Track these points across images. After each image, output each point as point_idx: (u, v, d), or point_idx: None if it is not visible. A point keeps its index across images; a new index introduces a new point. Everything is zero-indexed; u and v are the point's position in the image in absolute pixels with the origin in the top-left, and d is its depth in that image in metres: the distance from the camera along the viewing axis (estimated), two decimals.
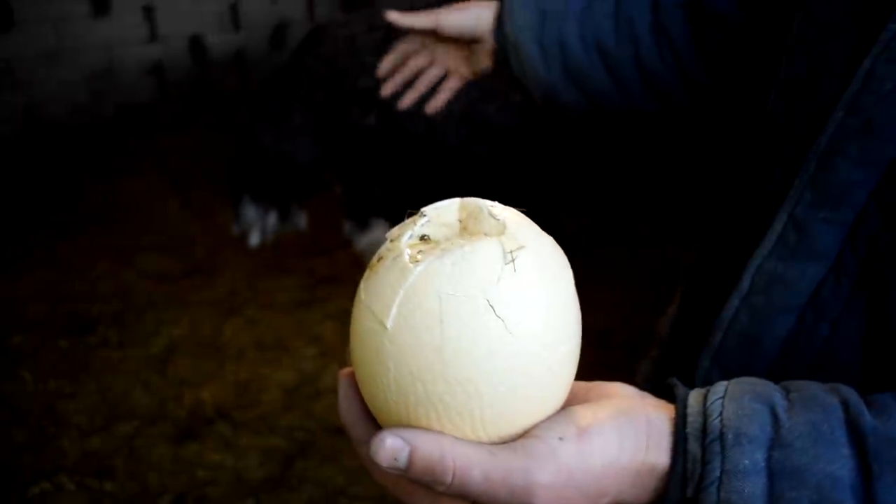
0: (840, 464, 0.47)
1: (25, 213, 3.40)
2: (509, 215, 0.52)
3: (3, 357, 2.57)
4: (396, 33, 1.20)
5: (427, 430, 0.48)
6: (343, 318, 2.81)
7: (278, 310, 2.85)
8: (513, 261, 0.48)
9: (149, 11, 4.11)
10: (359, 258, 2.70)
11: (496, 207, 0.53)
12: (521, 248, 0.48)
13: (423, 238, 0.52)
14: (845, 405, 0.50)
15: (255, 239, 2.56)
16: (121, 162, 3.83)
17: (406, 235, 0.51)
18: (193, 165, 3.81)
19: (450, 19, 1.04)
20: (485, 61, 1.06)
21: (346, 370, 0.54)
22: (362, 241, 2.54)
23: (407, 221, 0.54)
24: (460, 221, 0.54)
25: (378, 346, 0.48)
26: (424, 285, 0.47)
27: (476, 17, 1.03)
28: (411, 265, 0.48)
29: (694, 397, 0.52)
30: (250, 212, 2.54)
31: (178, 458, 2.22)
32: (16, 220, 3.35)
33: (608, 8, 0.97)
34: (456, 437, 0.48)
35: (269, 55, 4.47)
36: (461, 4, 1.05)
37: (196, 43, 4.29)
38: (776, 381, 0.60)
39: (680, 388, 0.54)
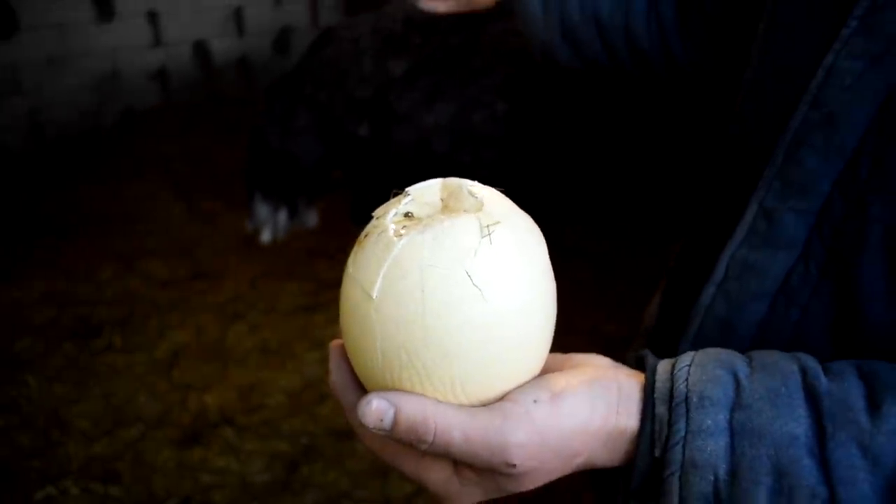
0: (796, 423, 0.51)
1: (30, 218, 3.41)
2: (487, 194, 0.56)
3: (9, 362, 2.58)
4: (403, 31, 1.24)
5: (410, 393, 0.51)
6: None
7: (282, 314, 2.85)
8: (489, 234, 0.51)
9: (153, 17, 4.12)
10: None
11: (475, 186, 0.56)
12: (496, 223, 0.52)
13: (407, 215, 0.55)
14: (803, 371, 0.53)
15: (266, 236, 2.58)
16: (125, 167, 3.84)
17: (391, 213, 0.55)
18: (198, 170, 3.82)
19: None
20: None
21: (336, 341, 0.58)
22: None
23: (392, 200, 0.57)
24: (442, 200, 0.57)
25: (365, 315, 0.51)
26: (407, 257, 0.50)
27: None
28: (395, 239, 0.51)
29: (663, 366, 0.57)
30: (262, 209, 2.55)
31: (182, 463, 2.22)
32: (21, 224, 3.36)
33: None
34: (438, 400, 0.51)
35: (273, 61, 4.49)
36: None
37: (200, 48, 4.30)
38: None
39: (650, 358, 0.58)
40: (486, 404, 0.53)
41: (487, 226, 0.51)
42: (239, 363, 2.61)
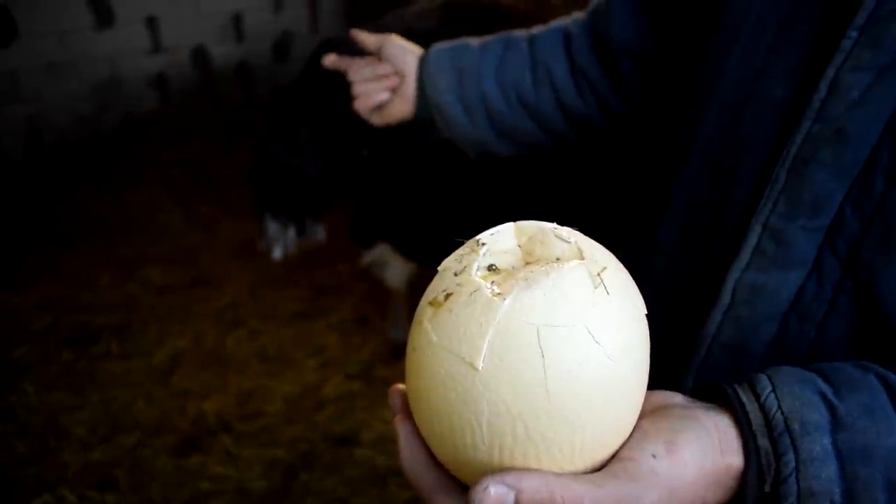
0: None
1: (29, 225, 3.40)
2: (577, 236, 0.51)
3: (6, 369, 2.57)
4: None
5: (525, 469, 0.46)
6: (345, 328, 2.81)
7: (281, 321, 2.85)
8: (602, 283, 0.47)
9: (152, 23, 4.13)
10: (363, 273, 2.70)
11: (559, 229, 0.51)
12: (604, 268, 0.48)
13: (490, 268, 0.50)
14: (884, 381, 0.52)
15: (277, 253, 2.59)
16: (124, 173, 3.84)
17: (474, 267, 0.49)
18: (197, 176, 3.82)
19: (391, 48, 1.11)
20: (401, 108, 1.11)
21: (400, 417, 0.52)
22: (367, 256, 2.55)
23: (461, 251, 0.52)
24: (520, 246, 0.52)
25: (465, 389, 0.45)
26: (517, 319, 0.45)
27: (406, 62, 1.09)
28: (496, 299, 0.45)
29: (744, 395, 0.54)
30: (273, 227, 2.56)
31: (180, 470, 2.22)
32: (19, 231, 3.35)
33: (522, 60, 1.03)
34: (556, 473, 0.47)
35: (273, 66, 4.49)
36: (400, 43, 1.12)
37: (199, 54, 4.31)
38: None
39: (727, 388, 0.55)
40: (598, 466, 0.49)
41: (598, 274, 0.47)
42: (238, 370, 2.61)
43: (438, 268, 0.51)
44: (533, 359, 0.44)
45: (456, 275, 0.49)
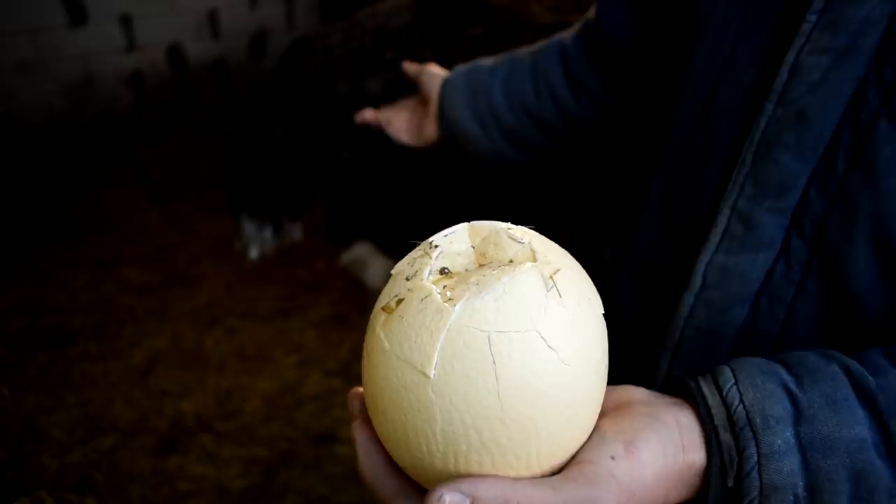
0: (860, 426, 0.50)
1: (2, 226, 3.37)
2: (531, 236, 0.50)
3: None
4: (374, 45, 1.31)
5: (481, 476, 0.45)
6: (324, 325, 2.81)
7: (259, 319, 2.84)
8: (555, 286, 0.45)
9: (126, 20, 4.09)
10: (340, 270, 2.70)
11: (513, 229, 0.50)
12: (557, 270, 0.46)
13: (442, 272, 0.49)
14: (847, 371, 0.53)
15: (254, 253, 2.59)
16: (100, 173, 3.81)
17: (426, 272, 0.48)
18: (173, 175, 3.79)
19: (424, 76, 1.20)
20: (431, 129, 1.17)
21: (358, 423, 0.52)
22: (346, 255, 2.55)
23: (415, 254, 0.50)
24: (474, 248, 0.51)
25: (418, 397, 0.44)
26: (469, 325, 0.44)
27: (433, 86, 1.17)
28: (447, 305, 0.44)
29: (707, 389, 0.54)
30: (249, 228, 2.56)
31: (159, 471, 2.21)
32: None
33: (525, 73, 1.07)
34: (513, 478, 0.46)
35: (249, 64, 4.46)
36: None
37: (175, 52, 4.28)
38: None
39: (690, 382, 0.55)
40: (557, 470, 0.48)
41: (551, 276, 0.46)
42: (216, 369, 2.60)
43: (392, 271, 0.50)
44: (484, 366, 0.43)
45: (408, 279, 0.48)
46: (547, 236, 0.52)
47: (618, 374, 0.79)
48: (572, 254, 0.52)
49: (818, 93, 0.59)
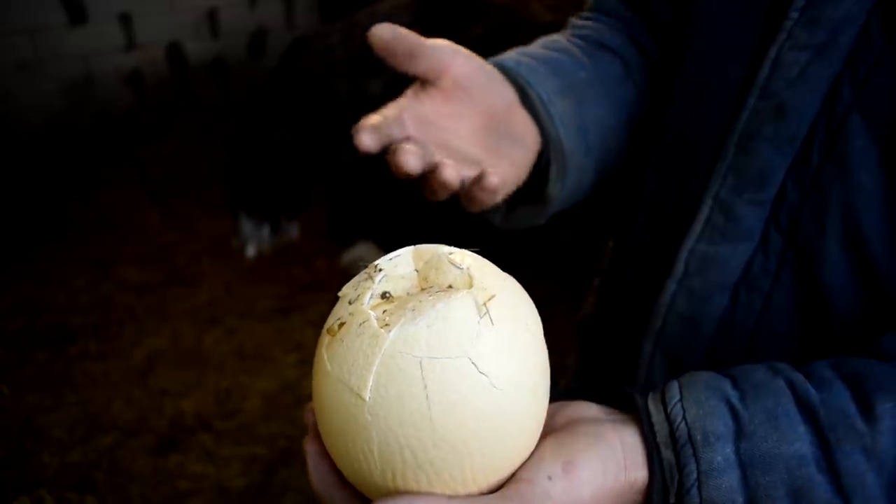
0: (801, 442, 0.50)
1: (2, 225, 3.37)
2: (470, 261, 0.51)
3: None
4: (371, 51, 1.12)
5: (418, 494, 0.47)
6: (323, 324, 2.81)
7: (258, 318, 2.85)
8: (487, 313, 0.47)
9: (126, 19, 4.09)
10: (339, 266, 2.71)
11: (454, 254, 0.51)
12: (492, 297, 0.48)
13: (383, 296, 0.50)
14: (791, 385, 0.53)
15: (251, 251, 2.60)
16: (99, 171, 3.81)
17: (367, 296, 0.49)
18: (173, 174, 3.79)
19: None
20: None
21: (310, 438, 0.53)
22: (346, 256, 2.55)
23: (360, 277, 0.52)
24: (417, 271, 0.52)
25: (356, 418, 0.46)
26: (402, 351, 0.45)
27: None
28: (382, 331, 0.46)
29: (653, 405, 0.54)
30: (247, 226, 2.56)
31: (159, 470, 2.21)
32: None
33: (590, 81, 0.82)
34: (448, 497, 0.47)
35: (248, 63, 4.46)
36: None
37: (174, 51, 4.28)
38: (717, 357, 0.66)
39: (638, 399, 0.55)
40: (496, 488, 0.49)
41: (484, 303, 0.47)
42: (215, 368, 2.60)
43: (339, 293, 0.52)
44: (417, 390, 0.44)
45: (350, 303, 0.50)
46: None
47: (610, 361, 0.81)
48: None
49: (796, 87, 0.61)
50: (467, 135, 0.68)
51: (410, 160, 0.60)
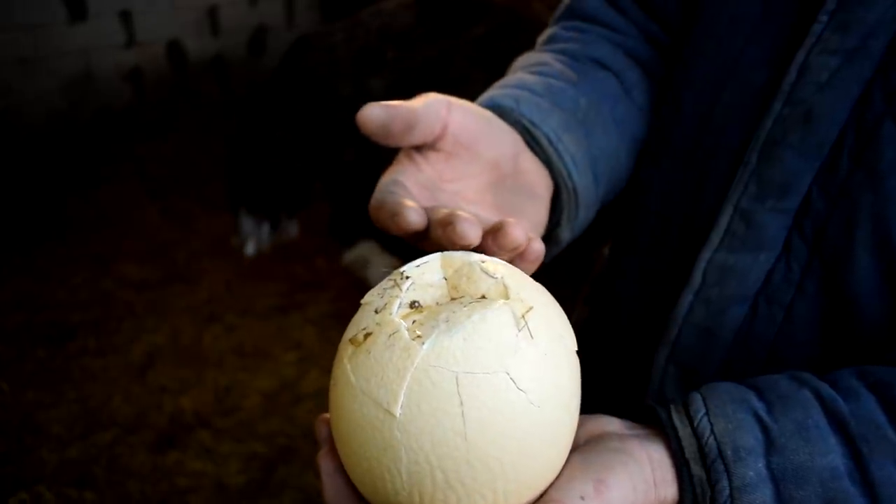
0: (833, 454, 0.49)
1: (2, 221, 3.37)
2: (504, 270, 0.48)
3: None
4: (377, 44, 1.08)
5: None
6: (323, 322, 2.82)
7: (258, 316, 2.85)
8: (526, 326, 0.44)
9: (126, 16, 4.09)
10: (339, 265, 2.71)
11: (487, 262, 0.49)
12: (530, 309, 0.45)
13: (412, 305, 0.48)
14: (818, 396, 0.52)
15: (250, 249, 2.60)
16: (99, 168, 3.81)
17: (395, 305, 0.47)
18: (172, 172, 3.79)
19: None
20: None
21: (325, 452, 0.51)
22: (348, 255, 2.55)
23: (385, 284, 0.49)
24: (446, 279, 0.50)
25: (384, 435, 0.43)
26: (436, 365, 0.43)
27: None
28: (415, 343, 0.43)
29: (678, 419, 0.53)
30: (247, 224, 2.57)
31: (158, 467, 2.22)
32: None
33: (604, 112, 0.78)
34: None
35: (249, 61, 4.47)
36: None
37: (174, 48, 4.28)
38: (734, 368, 0.64)
39: (661, 412, 0.54)
40: None
41: (523, 316, 0.45)
42: (215, 365, 2.61)
43: (361, 301, 0.49)
44: (451, 407, 0.42)
45: (377, 312, 0.47)
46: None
47: (616, 372, 0.79)
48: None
49: (826, 93, 0.59)
50: (475, 196, 0.62)
51: (412, 215, 0.53)
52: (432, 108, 0.59)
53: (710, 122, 0.69)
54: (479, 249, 0.53)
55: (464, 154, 0.62)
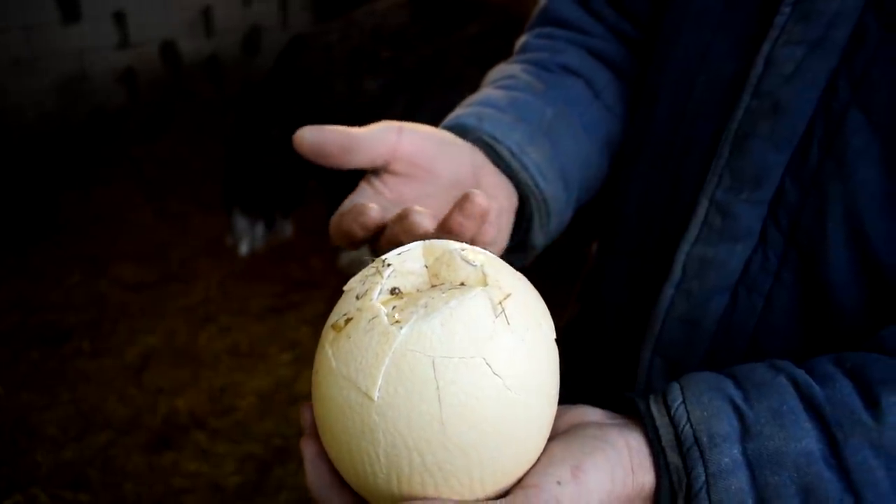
0: (808, 439, 0.50)
1: None
2: (483, 259, 0.49)
3: None
4: (372, 43, 1.09)
5: (425, 498, 0.45)
6: (318, 322, 2.81)
7: (253, 316, 2.85)
8: (503, 312, 0.45)
9: (120, 17, 4.08)
10: (334, 264, 2.71)
11: (467, 250, 0.49)
12: (508, 296, 0.46)
13: (392, 291, 0.48)
14: (794, 382, 0.52)
15: (244, 249, 2.59)
16: (93, 170, 3.80)
17: (376, 291, 0.47)
18: (167, 172, 3.79)
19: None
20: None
21: (307, 437, 0.51)
22: (345, 257, 2.55)
23: (367, 271, 0.50)
24: (427, 267, 0.50)
25: (362, 418, 0.44)
26: (414, 349, 0.43)
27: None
28: (393, 328, 0.44)
29: (656, 408, 0.54)
30: (241, 223, 2.56)
31: (153, 468, 2.21)
32: None
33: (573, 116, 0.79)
34: (456, 502, 0.46)
35: (243, 61, 4.46)
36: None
37: (168, 49, 4.27)
38: (718, 358, 0.65)
39: (639, 402, 0.55)
40: (504, 493, 0.47)
41: (500, 302, 0.45)
42: (210, 366, 2.60)
43: (344, 287, 0.50)
44: (428, 391, 0.43)
45: (358, 298, 0.47)
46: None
47: (605, 367, 0.80)
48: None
49: (792, 84, 0.60)
50: (439, 214, 0.61)
51: (374, 211, 0.56)
52: (377, 133, 0.61)
53: (683, 117, 0.70)
54: (450, 233, 0.54)
55: (422, 175, 0.64)
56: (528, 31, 0.86)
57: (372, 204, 0.57)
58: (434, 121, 1.11)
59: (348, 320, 0.46)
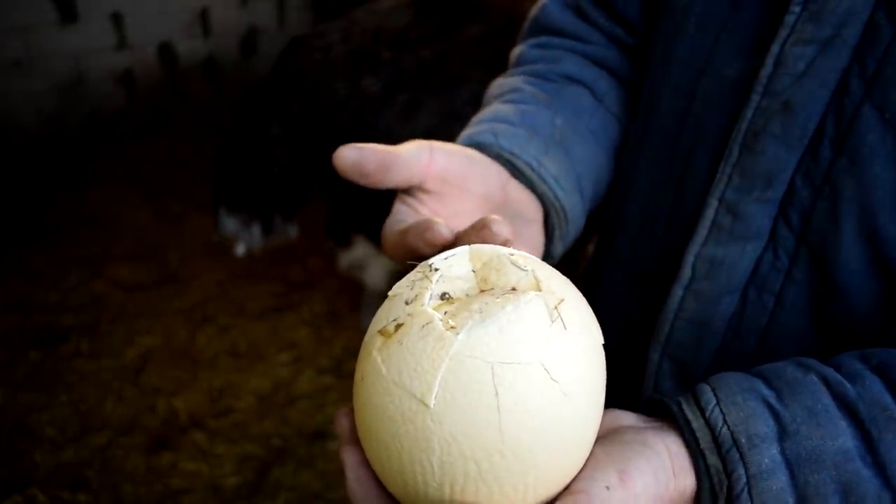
0: (844, 437, 0.50)
1: None
2: (534, 264, 0.49)
3: None
4: (372, 44, 1.08)
5: None
6: (316, 323, 2.82)
7: (251, 317, 2.85)
8: (560, 317, 0.44)
9: (117, 19, 4.08)
10: (334, 265, 2.71)
11: (516, 255, 0.49)
12: (562, 300, 0.45)
13: (443, 297, 0.48)
14: (825, 380, 0.52)
15: (240, 250, 2.59)
16: (91, 171, 3.80)
17: (426, 296, 0.46)
18: (165, 173, 3.79)
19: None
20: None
21: (348, 445, 0.50)
22: (344, 259, 2.55)
23: (413, 276, 0.49)
24: (475, 272, 0.50)
25: (416, 426, 0.43)
26: (471, 355, 0.42)
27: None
28: (449, 333, 0.43)
29: (689, 411, 0.54)
30: (229, 222, 2.55)
31: (152, 468, 2.21)
32: None
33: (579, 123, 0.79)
34: None
35: (240, 62, 4.46)
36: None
37: (166, 50, 4.27)
38: (727, 359, 0.65)
39: (672, 405, 0.55)
40: (552, 500, 0.46)
41: (556, 307, 0.45)
42: (208, 366, 2.60)
43: (389, 293, 0.49)
44: (487, 397, 0.42)
45: (407, 303, 0.47)
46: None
47: (611, 370, 0.80)
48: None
49: (803, 83, 0.60)
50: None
51: (444, 228, 0.56)
52: (413, 152, 0.61)
53: (687, 117, 0.70)
54: None
55: (455, 192, 0.64)
56: (523, 42, 0.86)
57: (439, 219, 0.56)
58: (434, 121, 1.10)
59: (398, 326, 0.45)
